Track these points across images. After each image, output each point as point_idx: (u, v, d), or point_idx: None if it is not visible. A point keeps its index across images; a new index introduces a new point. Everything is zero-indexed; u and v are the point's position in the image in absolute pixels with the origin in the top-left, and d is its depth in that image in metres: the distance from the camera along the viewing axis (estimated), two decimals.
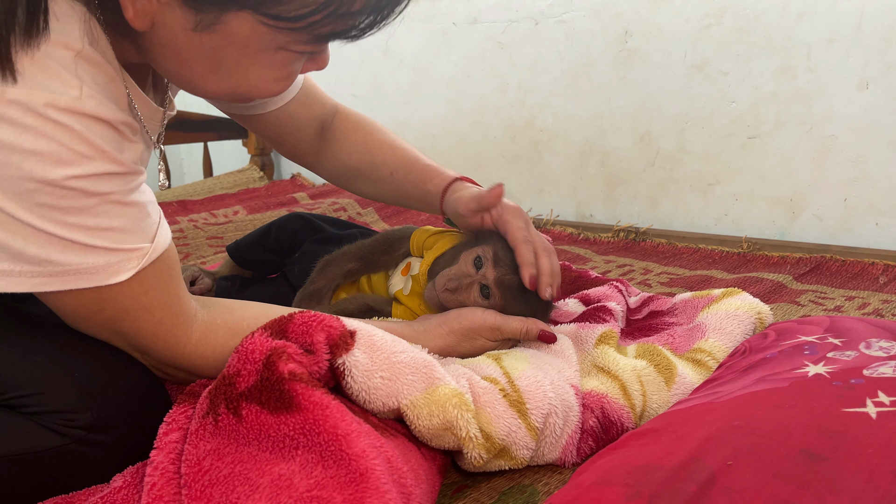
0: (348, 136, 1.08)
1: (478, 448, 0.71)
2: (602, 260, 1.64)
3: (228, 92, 0.69)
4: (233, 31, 0.63)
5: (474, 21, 2.17)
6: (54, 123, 0.58)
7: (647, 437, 0.67)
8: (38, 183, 0.58)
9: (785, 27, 1.65)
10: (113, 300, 0.66)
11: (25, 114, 0.57)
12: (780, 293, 1.33)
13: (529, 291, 0.89)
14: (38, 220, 0.59)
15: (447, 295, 0.89)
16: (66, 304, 0.66)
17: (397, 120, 2.43)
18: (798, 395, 0.69)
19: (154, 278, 0.68)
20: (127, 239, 0.65)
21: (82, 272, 0.63)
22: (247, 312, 0.76)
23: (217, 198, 2.21)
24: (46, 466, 0.65)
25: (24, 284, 0.62)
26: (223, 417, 0.63)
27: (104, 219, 0.63)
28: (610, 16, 1.91)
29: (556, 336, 0.89)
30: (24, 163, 0.58)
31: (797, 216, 1.73)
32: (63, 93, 0.59)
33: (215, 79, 0.68)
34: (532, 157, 2.15)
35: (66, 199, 0.60)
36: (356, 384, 0.70)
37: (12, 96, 0.56)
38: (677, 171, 1.89)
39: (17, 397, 0.65)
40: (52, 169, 0.58)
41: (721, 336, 0.94)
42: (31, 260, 0.61)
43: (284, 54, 0.67)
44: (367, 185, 1.09)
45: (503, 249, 0.90)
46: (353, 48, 2.47)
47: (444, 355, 0.86)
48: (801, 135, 1.69)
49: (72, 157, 0.59)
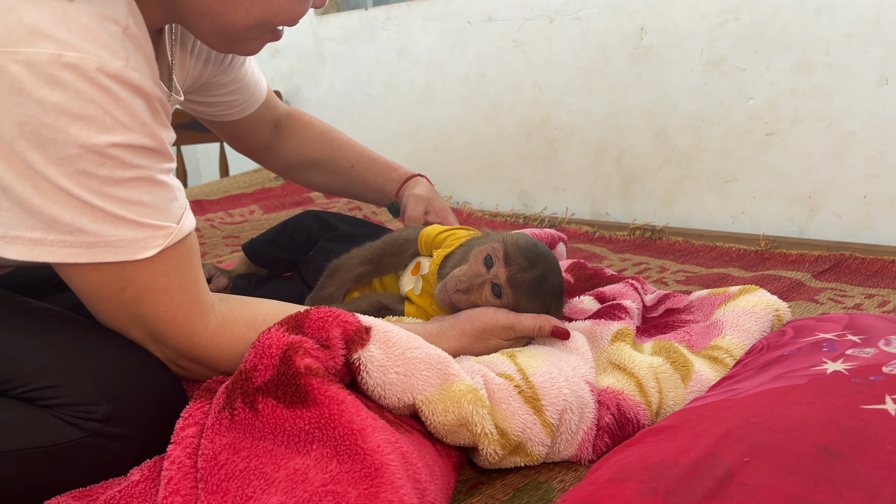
0: (307, 132, 1.20)
1: (493, 444, 0.71)
2: (618, 258, 1.63)
3: (256, 18, 0.74)
4: None
5: (489, 19, 2.17)
6: (102, 89, 0.62)
7: (664, 433, 0.67)
8: (81, 148, 0.61)
9: (803, 22, 1.64)
10: (135, 278, 0.68)
11: (78, 78, 0.60)
12: (798, 291, 1.31)
13: (542, 287, 0.89)
14: (76, 188, 0.62)
15: (459, 296, 0.89)
16: (90, 280, 0.68)
17: (412, 119, 2.44)
18: (816, 392, 0.68)
19: (176, 260, 0.70)
20: (155, 215, 0.68)
21: (111, 245, 0.65)
22: (263, 307, 0.78)
23: (233, 197, 2.22)
24: (64, 459, 0.66)
25: (55, 254, 0.64)
26: (239, 412, 0.64)
27: (136, 192, 0.66)
28: (625, 13, 1.90)
29: (569, 332, 0.89)
30: (70, 126, 0.60)
31: (816, 213, 1.71)
32: (111, 61, 0.62)
33: (247, 5, 0.72)
34: (547, 154, 2.14)
35: (104, 168, 0.63)
36: (371, 379, 0.70)
37: (68, 60, 0.59)
38: (694, 168, 1.88)
39: (35, 389, 0.66)
40: (96, 134, 0.62)
41: (738, 333, 0.93)
42: (65, 229, 0.63)
43: None
44: (324, 175, 1.22)
45: (513, 247, 0.90)
46: (368, 48, 2.48)
47: (458, 355, 0.85)
48: (819, 131, 1.67)
49: (114, 125, 0.62)
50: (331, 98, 2.69)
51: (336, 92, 2.66)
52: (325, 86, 2.69)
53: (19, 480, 0.65)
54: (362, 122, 2.60)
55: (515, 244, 0.90)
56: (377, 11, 2.46)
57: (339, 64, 2.62)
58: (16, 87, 0.59)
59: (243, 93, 1.07)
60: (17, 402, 0.66)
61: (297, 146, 1.19)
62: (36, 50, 0.59)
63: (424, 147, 2.42)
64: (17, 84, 0.59)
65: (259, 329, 0.70)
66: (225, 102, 1.06)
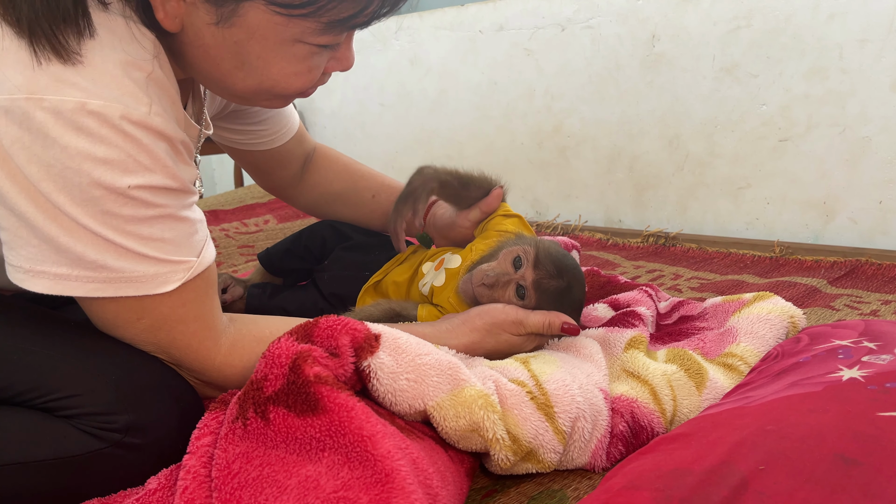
0: (330, 166, 1.18)
1: (505, 450, 0.71)
2: (631, 265, 1.63)
3: (254, 87, 0.74)
4: (250, 23, 0.68)
5: (501, 28, 2.18)
6: (125, 135, 0.64)
7: (678, 441, 0.67)
8: (105, 190, 0.63)
9: (816, 28, 1.63)
10: (153, 309, 0.70)
11: (101, 125, 0.62)
12: (814, 297, 1.30)
13: (565, 297, 0.89)
14: (100, 227, 0.64)
15: (482, 290, 0.90)
16: (108, 311, 0.69)
17: (424, 127, 2.45)
18: (832, 399, 0.68)
19: (194, 292, 0.72)
20: (176, 251, 0.69)
21: (133, 280, 0.67)
22: (270, 322, 0.80)
23: (248, 207, 2.24)
24: (84, 469, 0.66)
25: (79, 289, 0.66)
26: (252, 421, 0.64)
27: (158, 230, 0.67)
28: (637, 20, 1.90)
29: (579, 328, 0.89)
30: (95, 170, 0.63)
31: (831, 219, 1.70)
32: (135, 108, 0.64)
33: (242, 75, 0.73)
34: (560, 162, 2.14)
35: (126, 208, 0.65)
36: (382, 386, 0.70)
37: (92, 107, 0.62)
38: (707, 174, 1.87)
39: (56, 399, 0.67)
40: (119, 177, 0.64)
41: (753, 340, 0.93)
42: (89, 265, 0.65)
43: (302, 47, 0.71)
44: (348, 208, 1.19)
45: (545, 253, 0.90)
46: (380, 57, 2.50)
47: (470, 353, 0.86)
48: (833, 136, 1.66)
49: (137, 168, 0.65)
50: (344, 107, 2.71)
51: (349, 101, 2.68)
52: (338, 95, 2.70)
53: (40, 491, 0.65)
54: (375, 131, 2.62)
55: (547, 251, 0.91)
56: (389, 21, 2.47)
57: (352, 74, 2.63)
58: (42, 132, 0.61)
59: (274, 122, 1.08)
60: (38, 413, 0.67)
61: (321, 179, 1.18)
62: (61, 98, 0.61)
63: (437, 155, 2.42)
64: (43, 130, 0.61)
65: (268, 342, 0.71)
66: (256, 131, 1.07)
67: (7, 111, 0.60)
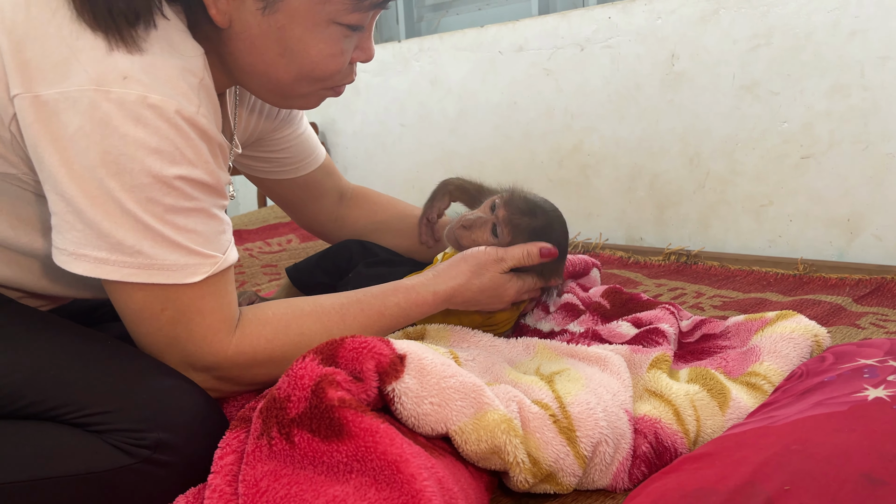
0: (372, 199, 1.26)
1: (524, 472, 0.71)
2: (653, 283, 1.62)
3: (296, 73, 0.82)
4: (291, 5, 0.77)
5: (520, 49, 2.20)
6: (177, 128, 0.71)
7: (702, 461, 0.66)
8: (152, 178, 0.70)
9: (836, 46, 1.63)
10: (176, 300, 0.74)
11: (158, 118, 0.69)
12: (838, 316, 1.29)
13: (542, 236, 0.97)
14: (143, 213, 0.70)
15: (462, 231, 0.99)
16: (135, 299, 0.73)
17: (445, 148, 2.47)
18: (857, 419, 0.67)
19: (215, 286, 0.76)
20: (206, 245, 0.74)
21: (164, 268, 0.72)
22: (274, 305, 0.84)
23: (271, 227, 2.27)
24: (114, 485, 0.68)
25: (115, 273, 0.71)
26: (276, 442, 0.65)
27: (192, 221, 0.73)
28: (656, 39, 1.91)
29: (556, 250, 0.96)
30: (146, 158, 0.69)
31: (855, 236, 1.68)
32: (187, 106, 0.72)
33: (285, 62, 0.81)
34: (580, 180, 2.15)
35: (168, 197, 0.71)
36: (405, 410, 0.71)
37: (152, 101, 0.69)
38: (728, 192, 1.86)
39: (88, 415, 0.69)
40: (167, 167, 0.70)
41: (776, 359, 0.92)
42: (127, 251, 0.70)
43: (336, 28, 0.80)
44: (393, 235, 1.23)
45: (518, 194, 0.99)
46: (401, 78, 2.53)
47: (459, 296, 0.92)
48: (856, 153, 1.65)
49: (182, 160, 0.71)
50: (365, 128, 2.74)
51: (370, 122, 2.71)
52: (359, 116, 2.74)
53: None
54: (396, 150, 2.64)
55: (522, 193, 1.00)
56: (410, 43, 2.51)
57: (373, 95, 2.66)
58: (104, 121, 0.68)
59: (297, 150, 1.13)
60: (70, 428, 0.69)
61: (364, 211, 1.24)
62: (126, 91, 0.68)
63: (457, 174, 2.43)
64: (105, 118, 0.68)
65: (276, 324, 0.80)
66: (279, 159, 1.13)
67: (75, 101, 0.67)
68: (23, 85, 0.67)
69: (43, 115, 0.67)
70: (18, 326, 0.76)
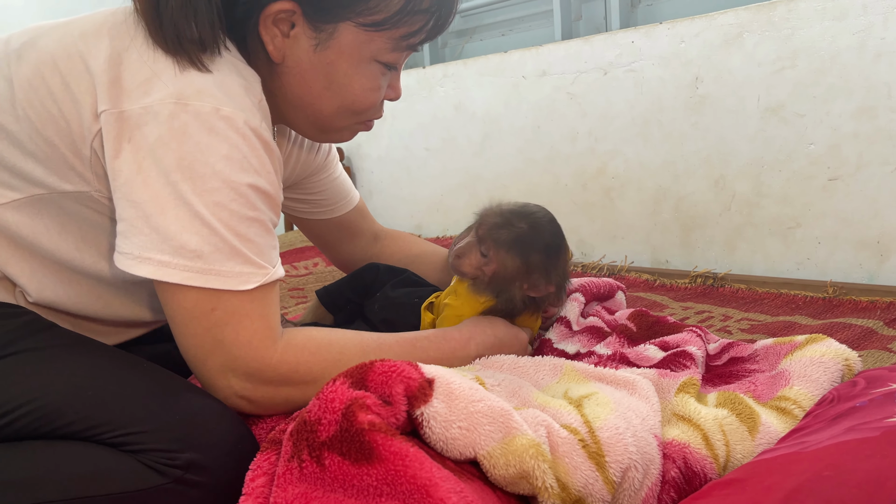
0: (405, 237, 1.36)
1: (553, 497, 0.71)
2: (679, 307, 1.61)
3: (338, 106, 0.90)
4: (342, 43, 0.86)
5: (543, 73, 2.22)
6: (245, 138, 0.77)
7: (732, 486, 0.66)
8: (222, 182, 0.75)
9: (863, 67, 1.62)
10: (227, 301, 0.77)
11: (229, 128, 0.76)
12: (870, 339, 1.28)
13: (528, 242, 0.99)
14: (210, 215, 0.75)
15: (457, 261, 1.01)
16: (187, 298, 0.76)
17: (469, 172, 2.48)
18: (890, 444, 0.66)
19: (263, 297, 0.79)
20: (260, 256, 0.78)
21: (221, 274, 0.75)
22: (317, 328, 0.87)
23: (298, 251, 2.29)
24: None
25: (175, 276, 0.74)
26: (307, 464, 0.66)
27: (252, 231, 0.78)
28: (679, 63, 1.91)
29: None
30: (217, 164, 0.75)
31: (886, 258, 1.66)
32: (252, 119, 0.78)
33: (329, 94, 0.89)
34: (605, 203, 2.15)
35: (234, 203, 0.76)
36: (434, 435, 0.71)
37: (224, 113, 0.75)
38: (755, 214, 1.85)
39: (123, 435, 0.71)
40: (236, 173, 0.76)
41: (806, 384, 0.91)
42: (188, 255, 0.74)
43: (376, 66, 0.89)
44: (429, 266, 1.29)
45: (491, 209, 1.02)
46: (426, 104, 2.56)
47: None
48: (885, 175, 1.63)
49: (249, 168, 0.77)
50: (391, 152, 2.77)
51: (395, 147, 2.74)
52: (384, 141, 2.77)
53: None
54: (420, 175, 2.67)
55: (496, 208, 1.03)
56: (434, 69, 2.54)
57: (398, 120, 2.70)
58: (182, 129, 0.74)
59: (333, 192, 1.22)
60: (106, 448, 0.71)
61: (400, 247, 1.33)
62: (202, 104, 0.75)
63: (482, 199, 2.44)
64: (183, 127, 0.74)
65: (319, 340, 0.83)
66: (316, 201, 1.22)
67: (157, 114, 0.74)
68: (110, 101, 0.74)
69: (127, 127, 0.74)
70: (58, 348, 0.79)
